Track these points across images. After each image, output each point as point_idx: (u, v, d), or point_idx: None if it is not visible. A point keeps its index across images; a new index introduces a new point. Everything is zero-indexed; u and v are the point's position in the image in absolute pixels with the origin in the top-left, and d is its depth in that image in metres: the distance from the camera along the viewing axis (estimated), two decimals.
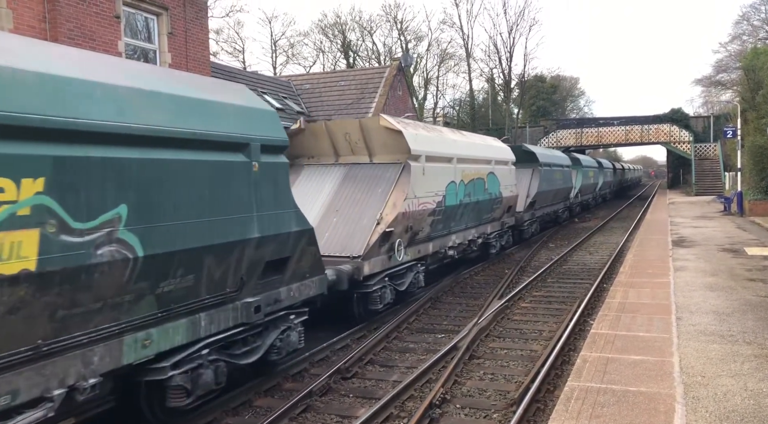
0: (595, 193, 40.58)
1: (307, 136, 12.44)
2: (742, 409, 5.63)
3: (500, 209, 17.28)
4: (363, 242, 10.31)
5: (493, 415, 6.90)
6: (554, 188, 24.95)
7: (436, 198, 12.44)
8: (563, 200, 28.44)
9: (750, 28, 51.15)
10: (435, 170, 12.49)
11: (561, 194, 27.26)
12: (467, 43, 56.68)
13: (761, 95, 29.75)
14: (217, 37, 51.99)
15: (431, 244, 12.94)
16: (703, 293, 10.54)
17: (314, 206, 11.33)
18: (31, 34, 12.47)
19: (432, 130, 13.48)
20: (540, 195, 22.50)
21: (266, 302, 7.18)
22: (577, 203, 33.14)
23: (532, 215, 22.33)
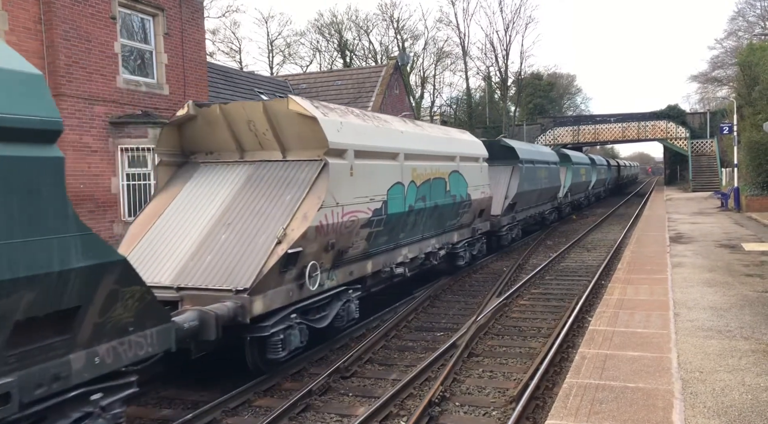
0: (588, 192, 38.67)
1: (202, 125, 9.54)
2: (740, 404, 5.65)
3: (469, 214, 14.89)
4: (254, 268, 7.59)
5: (493, 412, 6.92)
6: (538, 188, 22.71)
7: (372, 205, 9.78)
8: (550, 200, 26.32)
9: (745, 24, 51.28)
10: (370, 170, 9.81)
11: (547, 194, 25.05)
12: (464, 42, 56.79)
13: (757, 91, 29.81)
14: (213, 38, 52.00)
15: (370, 262, 10.35)
16: (701, 289, 10.56)
17: (199, 220, 8.65)
18: (27, 35, 12.45)
19: (368, 119, 10.70)
20: (521, 196, 20.08)
21: (31, 382, 4.52)
22: (567, 203, 30.99)
23: (512, 219, 19.89)
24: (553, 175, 25.59)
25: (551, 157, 26.17)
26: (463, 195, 14.08)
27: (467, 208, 14.56)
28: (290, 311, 8.03)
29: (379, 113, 11.70)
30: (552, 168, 25.31)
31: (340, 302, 9.30)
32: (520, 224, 20.92)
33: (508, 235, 19.18)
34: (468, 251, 15.28)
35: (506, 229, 18.95)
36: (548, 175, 24.47)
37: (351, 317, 9.60)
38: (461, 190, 14.01)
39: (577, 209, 34.90)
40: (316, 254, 8.43)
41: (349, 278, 9.64)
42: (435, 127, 14.45)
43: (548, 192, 25.08)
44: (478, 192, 15.17)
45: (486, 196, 15.90)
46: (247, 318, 7.22)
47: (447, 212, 13.32)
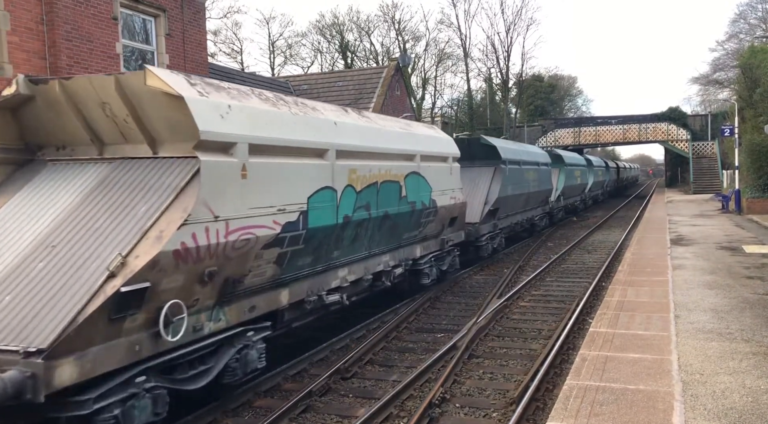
0: (584, 195, 36.22)
1: (44, 110, 7.03)
2: (740, 406, 5.65)
3: (436, 223, 12.61)
4: (63, 317, 5.13)
5: (493, 414, 6.92)
6: (525, 191, 20.60)
7: (283, 217, 7.35)
8: (541, 205, 24.35)
9: (747, 26, 51.28)
10: (278, 171, 7.33)
11: (537, 198, 22.98)
12: (465, 43, 56.78)
13: (758, 93, 29.81)
14: (215, 38, 52.06)
15: (286, 291, 7.98)
16: (702, 291, 10.56)
17: (17, 242, 6.21)
18: (28, 36, 12.48)
19: (282, 104, 7.97)
20: (504, 201, 17.95)
21: None
22: (560, 208, 28.67)
23: (494, 227, 17.77)
24: (543, 177, 23.63)
25: (542, 157, 24.16)
26: (425, 201, 11.78)
27: (432, 216, 12.23)
28: (135, 372, 5.65)
29: (313, 101, 9.27)
30: (543, 170, 23.50)
31: (233, 348, 6.93)
32: (503, 232, 18.86)
33: (488, 245, 17.10)
34: (436, 267, 13.11)
35: (486, 238, 16.94)
36: (538, 177, 22.57)
37: (251, 367, 7.18)
38: (423, 196, 11.69)
39: (572, 214, 33.03)
40: (182, 290, 6.00)
41: (249, 315, 7.26)
42: (390, 120, 11.83)
43: (538, 196, 23.16)
44: (446, 197, 12.86)
45: (458, 201, 13.60)
46: (41, 394, 4.78)
47: (403, 223, 11.06)
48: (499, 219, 18.23)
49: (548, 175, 24.58)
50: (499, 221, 18.33)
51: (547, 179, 24.27)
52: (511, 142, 23.99)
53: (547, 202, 25.50)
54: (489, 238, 17.27)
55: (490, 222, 17.50)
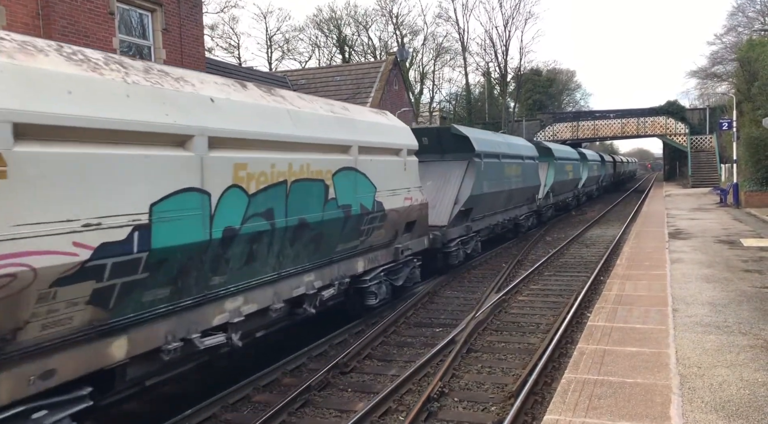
0: (577, 191, 33.83)
1: None
2: (737, 399, 5.67)
3: (385, 230, 10.47)
4: None
5: (491, 408, 6.94)
6: (506, 188, 18.36)
7: (97, 235, 5.08)
8: (527, 203, 22.18)
9: (745, 19, 51.16)
10: (87, 166, 5.05)
11: (521, 195, 20.76)
12: (463, 37, 56.68)
13: (757, 87, 29.79)
14: (212, 33, 51.86)
15: (121, 340, 5.64)
16: (700, 285, 10.58)
17: None
18: (24, 31, 12.43)
19: (101, 68, 5.59)
20: (478, 199, 15.68)
21: None
22: (549, 205, 26.20)
23: (467, 230, 15.43)
24: (528, 172, 21.20)
25: (526, 150, 21.68)
26: (366, 204, 9.55)
27: (377, 222, 10.08)
28: None
29: (176, 67, 7.17)
30: (527, 164, 21.05)
31: None
32: (480, 235, 16.71)
33: (459, 251, 14.73)
34: (387, 283, 10.89)
35: (456, 244, 14.63)
36: (521, 172, 20.17)
37: None
38: (362, 198, 9.44)
39: (564, 211, 30.80)
40: None
41: (43, 385, 4.91)
42: (317, 101, 9.26)
43: (522, 193, 20.81)
44: (398, 199, 10.73)
45: (416, 202, 11.51)
46: None
47: (332, 232, 8.77)
48: (473, 220, 16.02)
49: (534, 169, 22.43)
50: (474, 222, 16.12)
51: (533, 174, 22.11)
52: (490, 132, 20.73)
53: (534, 200, 23.12)
54: (460, 243, 14.88)
55: (462, 224, 15.27)
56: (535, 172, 22.78)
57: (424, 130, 15.91)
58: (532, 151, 22.66)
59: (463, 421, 6.60)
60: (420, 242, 12.35)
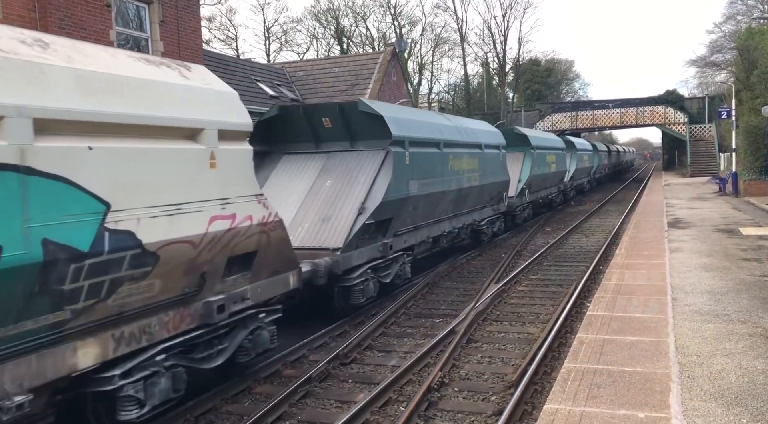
0: (563, 185, 29.35)
1: None
2: (736, 387, 5.70)
3: (158, 281, 5.89)
4: None
5: (491, 398, 6.96)
6: (452, 188, 13.84)
7: None
8: (490, 203, 17.33)
9: (744, 7, 50.98)
10: None
11: (479, 196, 16.03)
12: (461, 27, 56.44)
13: (756, 75, 29.72)
14: (209, 25, 51.61)
15: None
16: (699, 274, 10.60)
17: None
18: (21, 23, 12.36)
19: None
20: (399, 206, 11.19)
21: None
22: (524, 206, 21.54)
23: (383, 251, 10.92)
24: (489, 165, 16.78)
25: (486, 136, 17.06)
26: (65, 239, 4.94)
27: (123, 269, 5.52)
28: None
29: None
30: (488, 155, 16.82)
31: None
32: (407, 256, 12.06)
33: (367, 283, 10.33)
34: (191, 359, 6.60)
35: (361, 273, 10.21)
36: (479, 166, 15.85)
37: None
38: (49, 228, 4.83)
39: (547, 207, 27.24)
40: None
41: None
42: None
43: (481, 193, 16.30)
44: (193, 221, 6.26)
45: (248, 223, 7.06)
46: None
47: None
48: (396, 235, 11.49)
49: (499, 161, 17.76)
50: (397, 238, 11.57)
51: (496, 169, 17.33)
52: (420, 111, 16.65)
53: (501, 201, 18.35)
54: (369, 271, 10.44)
55: (374, 243, 10.72)
56: (501, 164, 18.20)
57: (322, 107, 12.16)
58: (497, 138, 18.32)
59: (463, 411, 6.63)
60: (276, 283, 7.83)
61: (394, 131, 11.09)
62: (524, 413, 6.40)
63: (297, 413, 6.73)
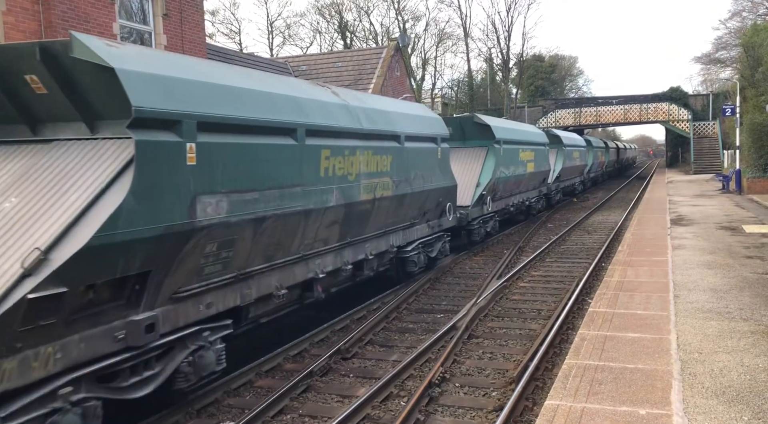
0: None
1: None
2: (738, 384, 5.69)
3: None
4: None
5: (492, 393, 6.97)
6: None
7: None
8: (420, 219, 12.27)
9: (750, 4, 50.67)
10: None
11: (394, 212, 10.92)
12: (465, 23, 56.49)
13: (761, 72, 29.61)
14: (212, 19, 51.63)
15: None
16: (701, 271, 10.58)
17: None
18: (24, 16, 12.36)
19: None
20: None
21: None
22: (486, 217, 16.74)
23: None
24: (425, 163, 12.01)
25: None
26: None
27: None
28: None
29: None
30: (426, 149, 12.24)
31: None
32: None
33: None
34: None
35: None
36: (437, 163, 12.43)
37: None
38: None
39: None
40: None
41: None
42: None
43: (421, 201, 11.56)
44: None
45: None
46: None
47: None
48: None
49: (435, 159, 12.75)
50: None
51: (434, 168, 12.63)
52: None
53: (444, 214, 13.54)
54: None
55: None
56: (442, 163, 16.30)
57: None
58: (435, 127, 16.78)
59: (464, 406, 6.63)
60: None
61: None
62: (525, 409, 6.40)
63: (298, 407, 6.75)
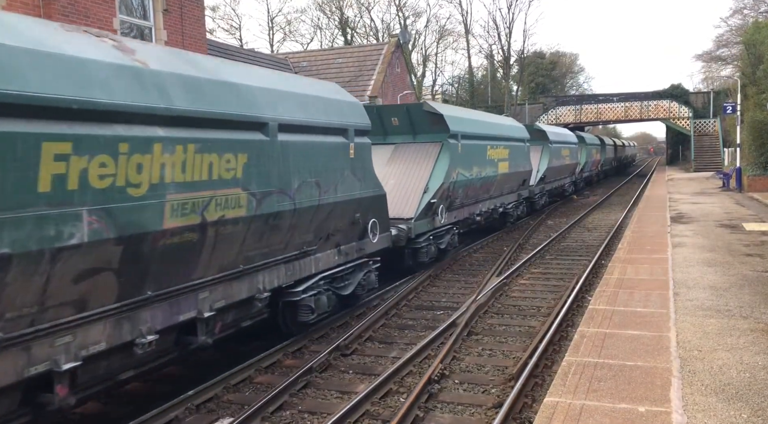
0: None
1: None
2: (737, 382, 5.69)
3: None
4: None
5: (492, 390, 6.97)
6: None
7: None
8: (347, 234, 9.40)
9: (751, 1, 50.58)
10: None
11: (320, 224, 8.50)
12: (466, 19, 56.39)
13: (762, 70, 29.57)
14: (213, 14, 51.56)
15: None
16: (701, 269, 10.58)
17: None
18: (24, 11, 12.33)
19: None
20: None
21: None
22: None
23: None
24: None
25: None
26: None
27: None
28: None
29: None
30: (327, 144, 8.39)
31: None
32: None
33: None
34: None
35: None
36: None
37: None
38: None
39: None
40: None
41: None
42: None
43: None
44: None
45: None
46: None
47: None
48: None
49: (347, 161, 9.19)
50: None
51: (347, 175, 9.27)
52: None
53: (366, 234, 10.04)
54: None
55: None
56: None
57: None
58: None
59: (463, 402, 6.64)
60: None
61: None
62: (524, 405, 6.40)
63: (298, 403, 6.75)
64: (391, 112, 14.14)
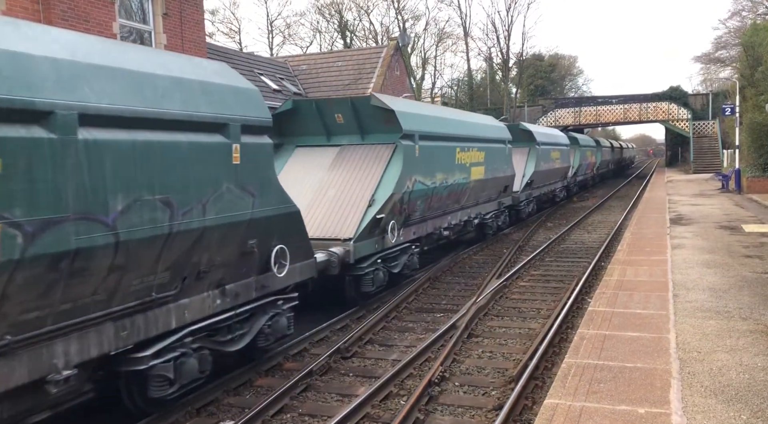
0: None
1: None
2: (737, 383, 5.70)
3: None
4: None
5: (492, 392, 6.98)
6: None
7: None
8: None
9: (750, 3, 50.67)
10: None
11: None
12: (465, 22, 56.47)
13: (760, 72, 29.61)
14: (212, 18, 51.71)
15: None
16: (700, 270, 10.59)
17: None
18: (24, 15, 12.36)
19: None
20: None
21: None
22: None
23: None
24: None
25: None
26: None
27: None
28: None
29: None
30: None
31: None
32: None
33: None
34: None
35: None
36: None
37: None
38: None
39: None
40: None
41: None
42: None
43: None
44: None
45: None
46: None
47: None
48: None
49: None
50: None
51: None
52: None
53: (269, 267, 7.66)
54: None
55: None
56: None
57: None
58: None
59: (463, 405, 6.65)
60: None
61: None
62: (524, 407, 6.41)
63: (298, 406, 6.76)
64: (333, 107, 11.64)
